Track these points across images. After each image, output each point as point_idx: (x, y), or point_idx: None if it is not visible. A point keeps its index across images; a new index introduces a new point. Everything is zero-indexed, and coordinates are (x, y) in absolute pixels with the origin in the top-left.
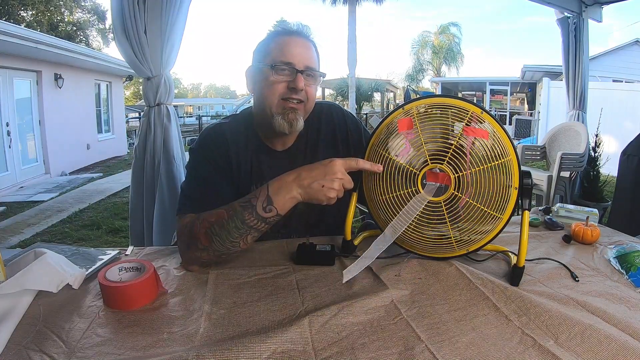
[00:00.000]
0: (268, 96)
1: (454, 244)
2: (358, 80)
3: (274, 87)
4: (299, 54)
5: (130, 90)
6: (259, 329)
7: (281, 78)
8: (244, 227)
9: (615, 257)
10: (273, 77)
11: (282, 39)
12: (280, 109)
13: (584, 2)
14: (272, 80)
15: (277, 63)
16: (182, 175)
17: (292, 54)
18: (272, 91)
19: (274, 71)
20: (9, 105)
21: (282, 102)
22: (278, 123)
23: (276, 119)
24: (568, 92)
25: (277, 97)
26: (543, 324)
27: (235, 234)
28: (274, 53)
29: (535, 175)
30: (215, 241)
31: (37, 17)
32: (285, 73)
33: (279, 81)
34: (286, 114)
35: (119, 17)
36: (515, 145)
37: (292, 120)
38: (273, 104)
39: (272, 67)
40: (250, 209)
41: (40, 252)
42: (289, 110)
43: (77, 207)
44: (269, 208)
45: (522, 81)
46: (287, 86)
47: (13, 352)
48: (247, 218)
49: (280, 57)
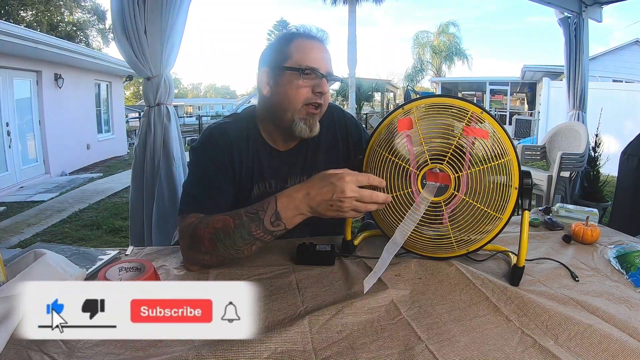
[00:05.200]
0: (293, 99)
1: (454, 244)
2: (358, 80)
3: (299, 91)
4: (323, 59)
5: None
6: (259, 329)
7: (307, 83)
8: (250, 238)
9: (615, 257)
10: (300, 82)
11: (304, 42)
12: (304, 114)
13: (584, 2)
14: (298, 84)
15: (304, 67)
16: (182, 175)
17: (318, 59)
18: (298, 95)
19: (300, 75)
20: (9, 105)
21: (305, 107)
22: (299, 128)
23: (298, 123)
24: (568, 92)
25: (302, 101)
26: (543, 324)
27: (240, 243)
28: (297, 56)
29: (535, 175)
30: (219, 247)
31: (37, 17)
32: (311, 77)
33: (305, 85)
34: (308, 119)
35: (119, 17)
36: (515, 145)
37: (312, 126)
38: (296, 109)
39: (302, 71)
40: (257, 221)
41: (40, 252)
42: (310, 116)
43: (77, 207)
44: (277, 223)
45: (522, 81)
46: (311, 91)
47: (13, 352)
48: (254, 230)
49: (307, 62)
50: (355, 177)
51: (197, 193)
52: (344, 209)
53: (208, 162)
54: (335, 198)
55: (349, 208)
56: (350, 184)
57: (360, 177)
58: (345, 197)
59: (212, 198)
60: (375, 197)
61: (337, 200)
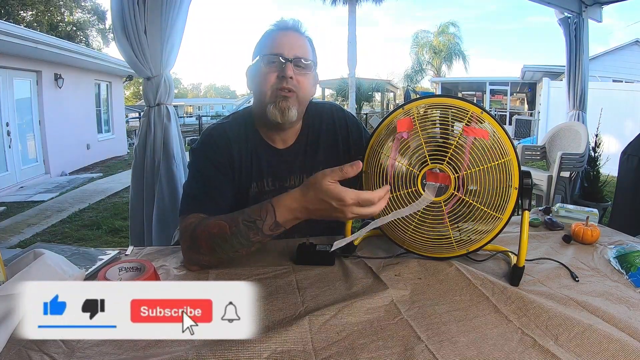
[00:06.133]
0: (261, 88)
1: (454, 244)
2: (358, 80)
3: (265, 77)
4: (287, 44)
5: (130, 90)
6: (259, 328)
7: (272, 69)
8: (248, 242)
9: (615, 257)
10: (264, 69)
11: (272, 33)
12: (273, 98)
13: (584, 2)
14: (264, 72)
15: (266, 54)
16: (182, 175)
17: (281, 45)
18: (264, 82)
19: (264, 62)
20: (9, 105)
21: (275, 92)
22: (271, 112)
23: (269, 108)
24: (568, 92)
25: (269, 87)
26: (543, 324)
27: (238, 247)
28: (265, 47)
29: (535, 175)
30: (217, 250)
31: (37, 17)
32: (275, 64)
33: (270, 72)
34: (278, 102)
35: (119, 17)
36: (515, 145)
37: (283, 109)
38: (267, 95)
39: (262, 57)
40: (255, 229)
41: (39, 252)
42: (280, 98)
43: (77, 207)
44: (276, 230)
45: (522, 81)
46: (277, 76)
47: (13, 352)
48: (253, 237)
49: (270, 50)
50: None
51: (198, 193)
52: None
53: (208, 162)
54: (335, 216)
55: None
56: (353, 208)
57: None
58: (346, 217)
59: (212, 198)
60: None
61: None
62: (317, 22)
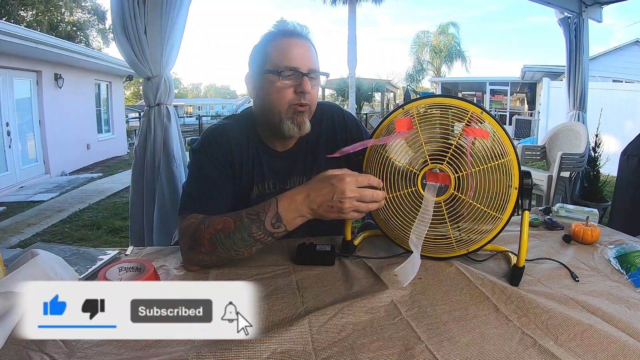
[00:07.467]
0: (277, 103)
1: (454, 244)
2: (358, 80)
3: (281, 93)
4: (301, 57)
5: (130, 90)
6: (259, 328)
7: (288, 83)
8: (250, 239)
9: (615, 257)
10: (280, 83)
11: (281, 41)
12: (290, 113)
13: (584, 2)
14: (279, 87)
15: (282, 69)
16: (182, 175)
17: (295, 58)
18: (281, 97)
19: (280, 77)
20: (9, 105)
21: (291, 107)
22: (288, 127)
23: (286, 123)
24: (568, 92)
25: (286, 103)
26: (543, 324)
27: (240, 245)
28: (276, 57)
29: (535, 175)
30: (219, 248)
31: (37, 17)
32: (291, 78)
33: (286, 87)
34: (295, 118)
35: (119, 17)
36: (515, 145)
37: (301, 123)
38: (282, 110)
39: (279, 73)
40: (258, 222)
41: (34, 252)
42: (298, 114)
43: (77, 207)
44: (277, 225)
45: (522, 81)
46: (294, 91)
47: (13, 352)
48: (255, 232)
49: (284, 62)
50: (354, 177)
51: (198, 194)
52: (345, 210)
53: (208, 163)
54: (336, 199)
55: (350, 209)
56: (350, 184)
57: (360, 178)
58: (345, 197)
59: (212, 199)
60: (375, 196)
61: (338, 201)
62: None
